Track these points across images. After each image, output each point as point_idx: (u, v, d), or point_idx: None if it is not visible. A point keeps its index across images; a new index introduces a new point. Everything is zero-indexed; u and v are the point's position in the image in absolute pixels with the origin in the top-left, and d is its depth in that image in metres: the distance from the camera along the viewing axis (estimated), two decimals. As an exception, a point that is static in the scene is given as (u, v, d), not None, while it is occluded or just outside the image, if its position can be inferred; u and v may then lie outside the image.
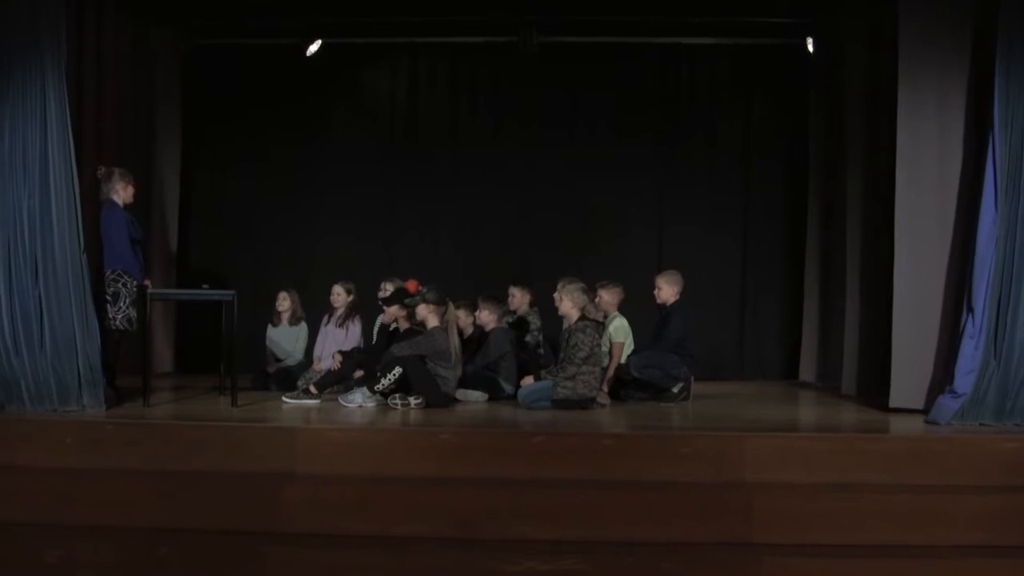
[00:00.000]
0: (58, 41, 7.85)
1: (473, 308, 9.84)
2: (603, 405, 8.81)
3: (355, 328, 10.28)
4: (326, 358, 10.02)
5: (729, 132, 12.53)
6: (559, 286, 8.76)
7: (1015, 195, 7.57)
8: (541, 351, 9.98)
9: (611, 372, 9.39)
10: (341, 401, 8.52)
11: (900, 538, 6.10)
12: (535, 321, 10.09)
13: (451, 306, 8.95)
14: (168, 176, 12.13)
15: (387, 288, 9.87)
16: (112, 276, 8.28)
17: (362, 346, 10.05)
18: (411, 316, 9.10)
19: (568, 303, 8.68)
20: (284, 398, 8.81)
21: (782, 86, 12.39)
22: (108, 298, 8.25)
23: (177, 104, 12.31)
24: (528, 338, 9.97)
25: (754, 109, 12.56)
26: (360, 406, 8.36)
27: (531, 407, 8.47)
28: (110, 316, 8.25)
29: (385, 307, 9.55)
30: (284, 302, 10.58)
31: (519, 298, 10.12)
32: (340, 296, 10.35)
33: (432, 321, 8.78)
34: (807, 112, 11.84)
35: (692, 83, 12.60)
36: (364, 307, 10.51)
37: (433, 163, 12.66)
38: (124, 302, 8.29)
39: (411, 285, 9.21)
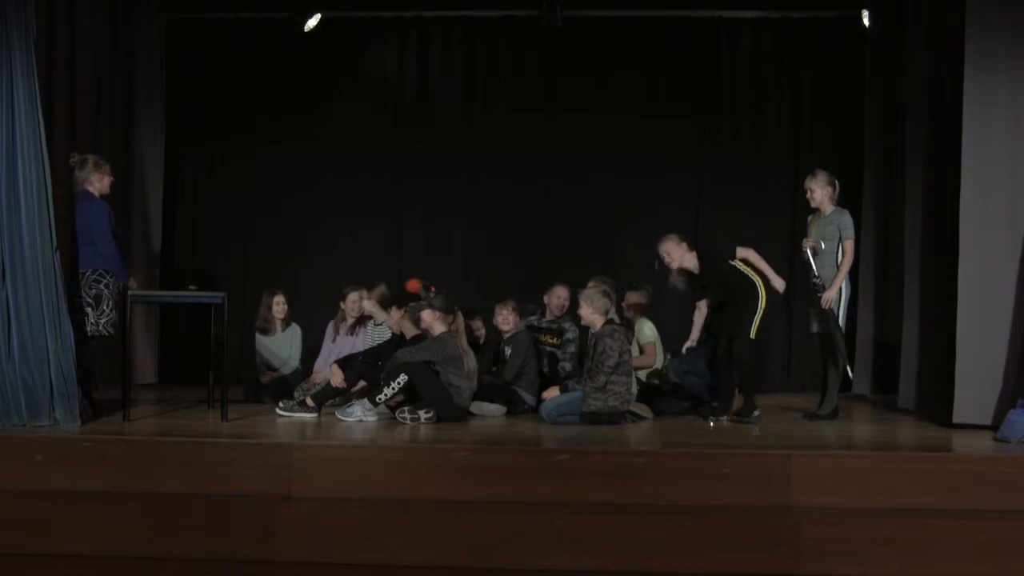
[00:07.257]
0: (26, 15, 7.81)
1: (481, 317, 9.86)
2: (643, 417, 8.82)
3: (367, 334, 10.31)
4: (327, 370, 10.00)
5: (775, 120, 12.54)
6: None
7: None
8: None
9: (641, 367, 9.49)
10: (338, 415, 8.54)
11: (966, 571, 6.07)
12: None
13: (459, 315, 8.94)
14: (150, 166, 12.17)
15: (361, 301, 10.07)
16: (93, 276, 8.26)
17: (363, 352, 10.03)
18: (416, 323, 9.10)
19: (588, 309, 8.67)
20: (279, 407, 8.82)
21: (833, 68, 12.38)
22: (89, 301, 8.23)
23: (159, 86, 12.35)
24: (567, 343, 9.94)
25: (803, 95, 12.55)
26: (360, 420, 8.39)
27: (556, 422, 8.46)
28: (92, 321, 8.23)
29: (381, 311, 9.57)
30: (280, 306, 10.62)
31: (556, 301, 10.04)
32: (356, 303, 10.35)
33: (438, 329, 8.80)
34: (862, 97, 11.82)
35: (733, 63, 12.59)
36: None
37: (445, 153, 12.66)
38: (107, 304, 8.29)
39: (411, 285, 9.22)
